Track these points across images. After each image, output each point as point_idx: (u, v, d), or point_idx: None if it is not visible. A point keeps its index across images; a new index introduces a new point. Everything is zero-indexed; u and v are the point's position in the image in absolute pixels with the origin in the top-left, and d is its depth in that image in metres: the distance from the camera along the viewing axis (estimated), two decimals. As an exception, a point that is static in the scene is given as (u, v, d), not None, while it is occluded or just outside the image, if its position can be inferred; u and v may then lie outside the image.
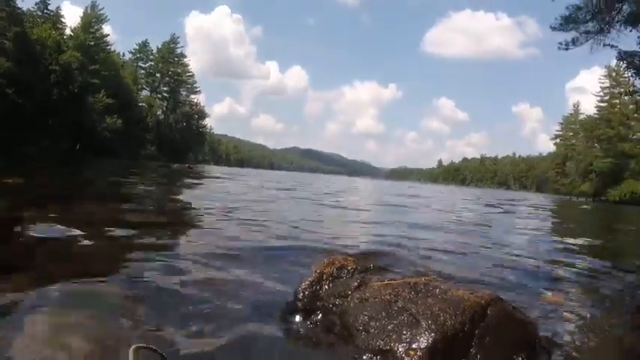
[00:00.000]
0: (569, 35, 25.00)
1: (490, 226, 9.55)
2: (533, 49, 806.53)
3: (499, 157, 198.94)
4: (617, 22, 23.45)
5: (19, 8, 51.59)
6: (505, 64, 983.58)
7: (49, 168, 19.50)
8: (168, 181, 17.16)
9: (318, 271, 2.52)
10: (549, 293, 3.48)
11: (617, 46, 24.52)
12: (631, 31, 23.99)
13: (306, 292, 2.40)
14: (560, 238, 8.45)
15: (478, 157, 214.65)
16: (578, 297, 3.52)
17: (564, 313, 2.88)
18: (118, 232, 4.50)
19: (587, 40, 24.65)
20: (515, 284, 3.69)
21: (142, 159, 64.18)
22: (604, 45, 24.44)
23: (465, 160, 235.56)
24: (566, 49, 25.37)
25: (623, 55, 25.26)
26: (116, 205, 7.26)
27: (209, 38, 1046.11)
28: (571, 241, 7.99)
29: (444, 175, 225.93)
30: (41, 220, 4.63)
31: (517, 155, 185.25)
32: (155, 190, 12.33)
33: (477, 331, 2.03)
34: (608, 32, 24.27)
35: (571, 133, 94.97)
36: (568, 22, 24.73)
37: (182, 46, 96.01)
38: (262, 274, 3.18)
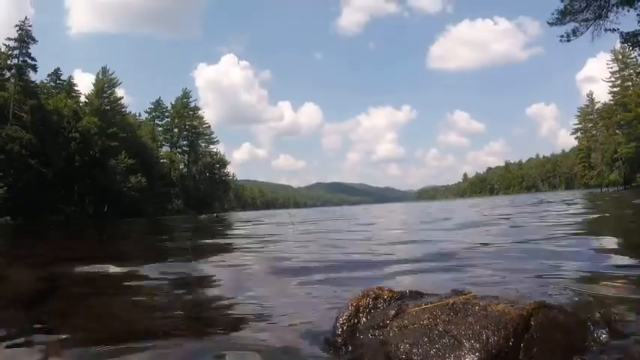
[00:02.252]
0: (569, 27, 24.82)
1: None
2: (537, 48, 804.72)
3: (523, 161, 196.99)
4: (614, 4, 23.15)
5: (32, 81, 53.54)
6: (512, 67, 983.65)
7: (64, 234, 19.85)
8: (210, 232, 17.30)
9: (354, 304, 2.50)
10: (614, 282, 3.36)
11: (617, 29, 24.25)
12: (628, 11, 23.69)
13: (344, 327, 2.38)
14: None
15: (502, 164, 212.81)
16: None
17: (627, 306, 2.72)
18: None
19: (588, 28, 24.48)
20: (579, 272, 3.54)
21: (169, 213, 65.00)
22: (605, 30, 24.20)
23: (489, 169, 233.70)
24: (568, 40, 25.21)
25: (625, 37, 24.90)
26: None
27: (220, 88, 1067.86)
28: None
29: (472, 188, 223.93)
30: None
31: (541, 156, 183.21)
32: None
33: (522, 344, 1.98)
34: (607, 17, 24.02)
35: (590, 124, 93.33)
36: (565, 14, 24.58)
37: (195, 100, 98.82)
38: (299, 309, 3.19)
